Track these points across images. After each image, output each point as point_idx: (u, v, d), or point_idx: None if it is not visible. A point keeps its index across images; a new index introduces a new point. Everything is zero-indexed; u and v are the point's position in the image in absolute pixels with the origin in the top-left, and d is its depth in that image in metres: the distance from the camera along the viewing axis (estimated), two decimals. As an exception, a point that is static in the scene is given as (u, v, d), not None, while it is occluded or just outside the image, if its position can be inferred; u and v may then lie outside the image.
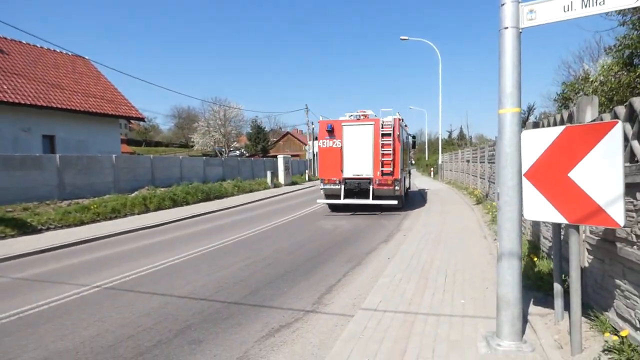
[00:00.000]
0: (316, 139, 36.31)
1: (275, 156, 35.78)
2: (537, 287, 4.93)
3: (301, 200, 20.65)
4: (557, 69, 55.86)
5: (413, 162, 51.16)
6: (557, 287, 3.85)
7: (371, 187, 13.18)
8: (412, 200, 17.98)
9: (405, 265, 6.76)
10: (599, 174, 2.99)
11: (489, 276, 5.98)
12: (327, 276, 6.74)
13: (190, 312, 5.24)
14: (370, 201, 13.12)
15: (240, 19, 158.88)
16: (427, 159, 58.00)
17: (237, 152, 55.25)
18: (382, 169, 13.03)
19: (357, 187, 13.40)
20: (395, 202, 13.19)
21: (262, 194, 23.98)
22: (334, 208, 14.86)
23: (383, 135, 12.92)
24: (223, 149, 47.03)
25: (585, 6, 3.35)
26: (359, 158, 13.23)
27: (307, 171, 40.43)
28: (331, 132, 13.40)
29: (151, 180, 19.87)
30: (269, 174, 29.05)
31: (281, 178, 31.28)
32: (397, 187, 13.18)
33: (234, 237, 10.30)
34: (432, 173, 40.04)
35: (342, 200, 13.48)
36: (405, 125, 14.45)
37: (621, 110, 3.33)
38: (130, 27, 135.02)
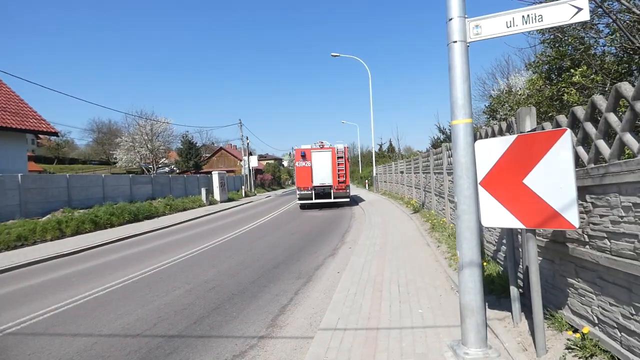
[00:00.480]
0: (251, 153, 38.68)
1: (209, 172, 34.36)
2: (489, 290, 5.10)
3: (239, 217, 19.90)
4: (474, 85, 61.67)
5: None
6: (514, 291, 3.96)
7: (332, 191, 20.46)
8: (354, 206, 18.66)
9: (357, 279, 6.65)
10: (553, 179, 3.13)
11: (439, 283, 6.09)
12: (278, 296, 6.38)
13: (125, 351, 4.55)
14: (331, 200, 20.56)
15: (167, 29, 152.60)
16: (360, 171, 60.18)
17: (167, 169, 52.08)
18: (339, 179, 20.31)
19: (322, 191, 20.52)
20: (347, 199, 20.99)
21: (197, 212, 22.71)
22: (303, 207, 21.73)
23: (338, 158, 20.27)
24: (150, 166, 44.04)
25: (526, 22, 3.55)
26: (323, 173, 20.29)
27: (243, 187, 39.36)
28: (304, 156, 20.30)
29: (67, 201, 17.75)
30: (203, 191, 27.70)
31: (217, 195, 30.02)
32: (347, 190, 20.84)
33: (169, 261, 9.45)
34: (367, 185, 41.30)
35: (314, 200, 20.55)
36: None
37: (563, 119, 3.56)
38: (41, 33, 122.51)
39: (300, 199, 20.82)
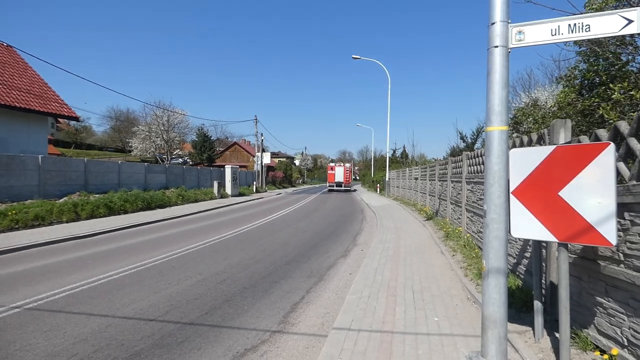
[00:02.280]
0: (264, 150, 49.25)
1: (222, 166, 34.60)
2: (509, 304, 4.99)
3: (250, 212, 19.97)
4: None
5: (357, 177, 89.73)
6: (538, 305, 3.86)
7: (343, 184, 42.70)
8: (366, 209, 18.35)
9: (370, 282, 6.59)
10: (591, 193, 3.04)
11: (455, 292, 5.99)
12: (289, 293, 6.36)
13: (138, 335, 4.58)
14: (342, 188, 42.73)
15: (189, 20, 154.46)
16: (372, 175, 60.97)
17: (180, 160, 52.57)
18: (346, 179, 42.88)
19: (340, 185, 42.65)
20: (349, 188, 43.99)
21: (209, 204, 22.87)
22: (331, 191, 41.94)
23: (346, 170, 42.87)
24: (165, 156, 44.55)
25: (572, 31, 3.45)
26: (340, 176, 42.64)
27: (254, 183, 39.52)
28: (332, 167, 43.22)
29: (84, 185, 18.02)
30: (215, 184, 27.89)
31: (228, 189, 30.21)
32: (351, 184, 45.35)
33: (181, 250, 9.51)
34: (378, 189, 41.17)
35: (335, 188, 42.65)
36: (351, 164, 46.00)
37: (603, 133, 3.45)
38: (66, 18, 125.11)
39: (329, 187, 43.55)
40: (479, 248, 8.17)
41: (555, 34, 3.46)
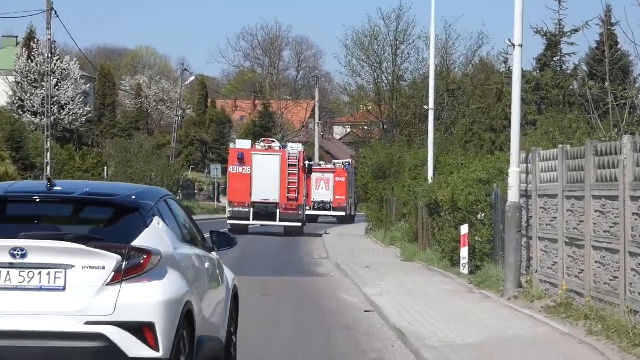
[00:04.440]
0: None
1: None
2: None
3: None
4: None
5: (355, 189, 52.06)
6: None
7: (278, 210, 27.72)
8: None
9: None
10: None
11: None
12: None
13: None
14: (277, 223, 28.08)
15: None
16: (430, 173, 26.58)
17: None
18: (289, 195, 27.38)
19: (264, 210, 27.67)
20: (299, 224, 28.48)
21: None
22: (235, 230, 25.51)
23: (289, 165, 27.88)
24: None
25: None
26: (267, 184, 27.04)
27: None
28: (242, 159, 27.33)
29: None
30: None
31: None
32: (300, 212, 28.17)
33: None
34: (466, 259, 17.76)
35: (251, 222, 27.58)
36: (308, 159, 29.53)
37: None
38: None
39: (232, 218, 28.25)
40: None
41: None
